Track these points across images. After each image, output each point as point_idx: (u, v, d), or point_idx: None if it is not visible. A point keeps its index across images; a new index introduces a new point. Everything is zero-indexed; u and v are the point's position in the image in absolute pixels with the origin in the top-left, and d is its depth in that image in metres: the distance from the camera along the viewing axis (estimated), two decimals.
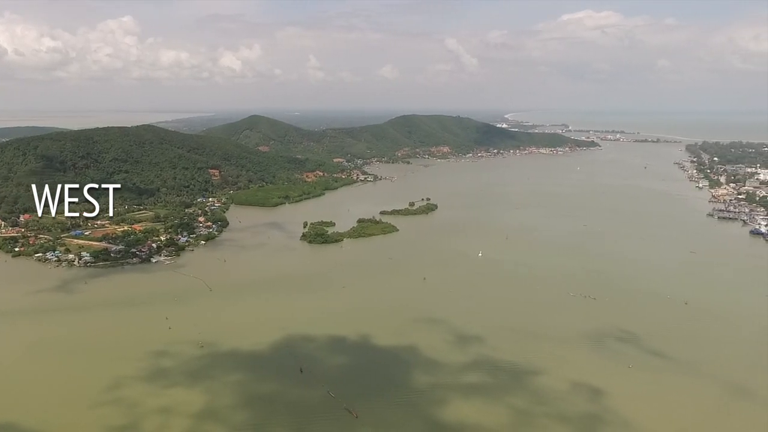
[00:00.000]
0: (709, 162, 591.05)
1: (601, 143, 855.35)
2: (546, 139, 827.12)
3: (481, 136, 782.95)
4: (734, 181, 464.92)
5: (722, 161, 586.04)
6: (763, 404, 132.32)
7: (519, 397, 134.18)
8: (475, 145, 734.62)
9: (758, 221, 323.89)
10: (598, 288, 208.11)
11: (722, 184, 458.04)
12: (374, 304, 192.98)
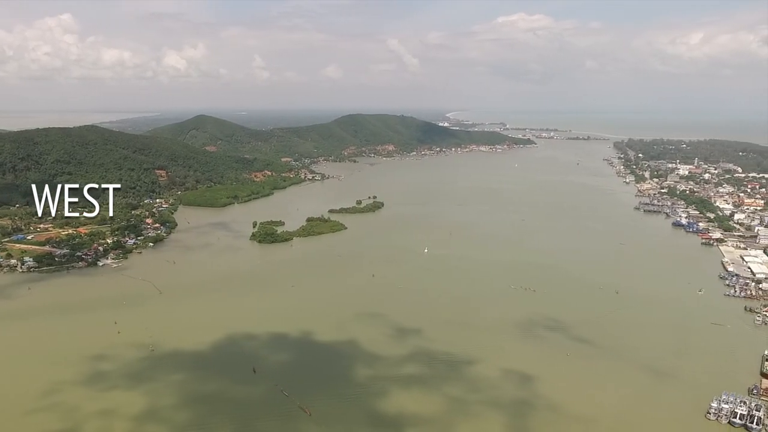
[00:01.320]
0: (634, 158, 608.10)
1: (536, 141, 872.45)
2: (485, 138, 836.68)
3: (425, 135, 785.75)
4: (657, 176, 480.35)
5: (646, 157, 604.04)
6: (678, 385, 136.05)
7: (454, 386, 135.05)
8: (418, 144, 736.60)
9: (679, 214, 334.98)
10: (537, 280, 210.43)
11: (647, 179, 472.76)
12: (323, 302, 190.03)
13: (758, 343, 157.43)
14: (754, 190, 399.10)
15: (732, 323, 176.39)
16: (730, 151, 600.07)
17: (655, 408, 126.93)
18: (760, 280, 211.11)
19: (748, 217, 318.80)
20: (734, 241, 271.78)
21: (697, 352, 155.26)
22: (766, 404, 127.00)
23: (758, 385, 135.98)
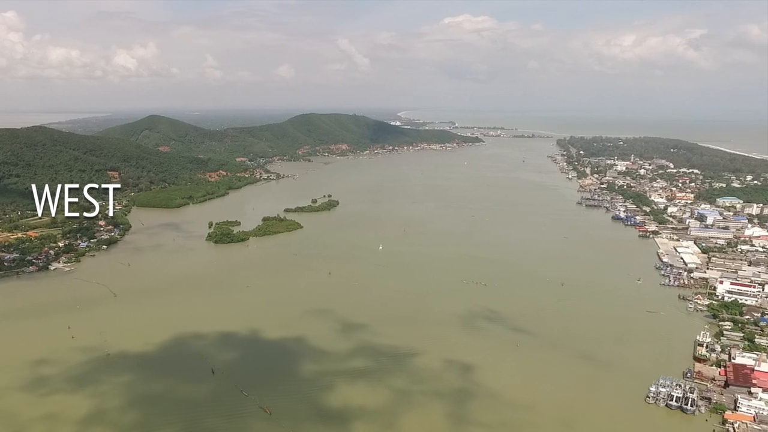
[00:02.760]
0: (576, 155, 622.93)
1: (484, 139, 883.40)
2: (436, 136, 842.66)
3: (377, 134, 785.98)
4: (597, 172, 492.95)
5: (587, 154, 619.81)
6: (618, 372, 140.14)
7: (399, 378, 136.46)
8: (371, 143, 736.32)
9: (618, 208, 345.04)
10: (488, 274, 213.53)
11: (588, 175, 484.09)
12: (279, 301, 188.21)
13: (691, 329, 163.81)
14: (684, 185, 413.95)
15: (667, 311, 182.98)
16: (662, 148, 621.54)
17: (596, 394, 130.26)
18: (691, 270, 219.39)
19: (680, 210, 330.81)
20: (668, 233, 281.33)
21: (636, 339, 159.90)
22: (699, 386, 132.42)
23: (692, 368, 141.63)
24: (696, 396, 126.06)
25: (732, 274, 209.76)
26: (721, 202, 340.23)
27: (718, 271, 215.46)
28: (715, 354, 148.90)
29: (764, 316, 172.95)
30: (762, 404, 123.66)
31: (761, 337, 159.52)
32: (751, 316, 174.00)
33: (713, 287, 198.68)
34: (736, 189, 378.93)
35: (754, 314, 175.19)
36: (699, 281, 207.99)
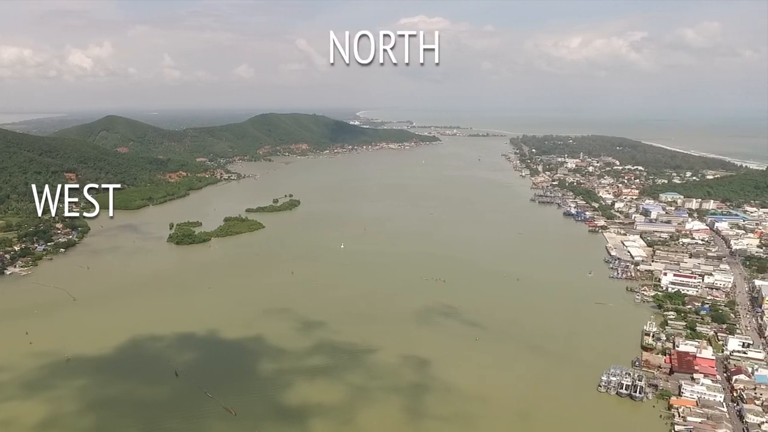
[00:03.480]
0: (528, 153, 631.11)
1: (441, 138, 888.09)
2: (394, 135, 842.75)
3: (337, 133, 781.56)
4: (549, 170, 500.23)
5: (539, 152, 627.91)
6: (571, 362, 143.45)
7: (356, 374, 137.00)
8: (331, 142, 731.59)
9: (569, 204, 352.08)
10: (447, 271, 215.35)
11: (540, 173, 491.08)
12: (241, 301, 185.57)
13: (638, 319, 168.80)
14: (630, 181, 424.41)
15: (615, 302, 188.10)
16: (609, 146, 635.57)
17: (550, 385, 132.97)
18: (638, 263, 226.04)
19: (627, 205, 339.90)
20: (616, 228, 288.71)
21: (588, 330, 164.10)
22: (647, 374, 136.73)
23: (639, 357, 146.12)
24: (644, 384, 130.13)
25: (675, 266, 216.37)
26: (663, 198, 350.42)
27: (662, 263, 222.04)
28: (660, 343, 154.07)
29: (704, 306, 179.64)
30: (703, 389, 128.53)
31: (702, 325, 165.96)
32: (692, 306, 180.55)
33: (658, 279, 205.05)
34: (677, 185, 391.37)
35: (695, 304, 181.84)
36: (645, 273, 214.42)
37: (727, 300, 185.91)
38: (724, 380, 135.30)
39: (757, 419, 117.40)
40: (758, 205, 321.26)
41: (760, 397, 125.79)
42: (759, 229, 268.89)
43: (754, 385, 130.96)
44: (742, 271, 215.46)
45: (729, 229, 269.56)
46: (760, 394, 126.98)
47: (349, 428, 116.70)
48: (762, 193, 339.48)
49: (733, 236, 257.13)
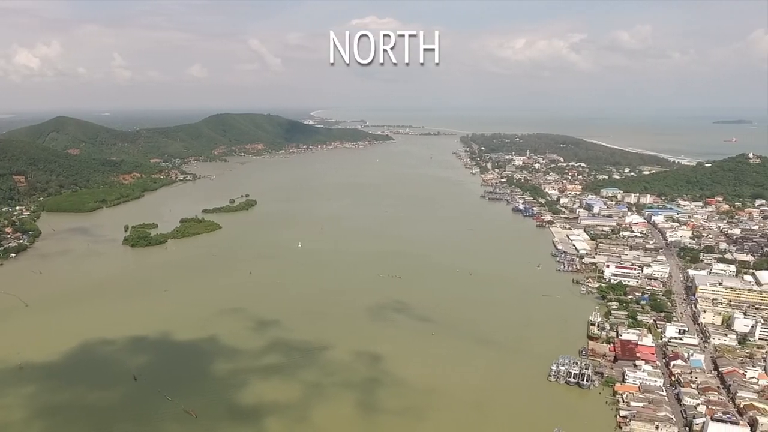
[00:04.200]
0: (478, 151, 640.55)
1: (394, 137, 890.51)
2: (348, 134, 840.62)
3: (292, 133, 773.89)
4: (498, 167, 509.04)
5: (488, 150, 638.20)
6: (521, 354, 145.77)
7: (311, 371, 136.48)
8: (286, 142, 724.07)
9: (517, 200, 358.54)
10: (402, 267, 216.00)
11: (489, 170, 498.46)
12: (198, 303, 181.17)
13: (584, 310, 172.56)
14: (573, 177, 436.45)
15: (562, 294, 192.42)
16: (553, 144, 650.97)
17: (502, 376, 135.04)
18: (582, 256, 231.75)
19: (571, 200, 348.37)
20: (561, 223, 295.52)
21: (538, 322, 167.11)
22: (593, 363, 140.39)
23: (586, 347, 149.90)
24: (590, 372, 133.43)
25: (616, 259, 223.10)
26: (604, 193, 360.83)
27: (604, 256, 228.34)
28: (605, 332, 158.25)
29: (644, 296, 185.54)
30: (645, 375, 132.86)
31: (642, 314, 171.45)
32: (633, 296, 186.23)
33: (601, 271, 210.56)
34: (616, 180, 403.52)
35: (635, 294, 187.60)
36: (589, 266, 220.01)
37: (664, 289, 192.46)
38: (663, 366, 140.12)
39: (693, 401, 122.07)
40: (690, 198, 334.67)
41: (696, 381, 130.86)
42: (691, 222, 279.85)
43: (689, 370, 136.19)
44: (677, 261, 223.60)
45: (664, 222, 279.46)
46: (696, 378, 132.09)
47: (303, 425, 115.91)
48: (693, 187, 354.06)
49: (668, 229, 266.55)
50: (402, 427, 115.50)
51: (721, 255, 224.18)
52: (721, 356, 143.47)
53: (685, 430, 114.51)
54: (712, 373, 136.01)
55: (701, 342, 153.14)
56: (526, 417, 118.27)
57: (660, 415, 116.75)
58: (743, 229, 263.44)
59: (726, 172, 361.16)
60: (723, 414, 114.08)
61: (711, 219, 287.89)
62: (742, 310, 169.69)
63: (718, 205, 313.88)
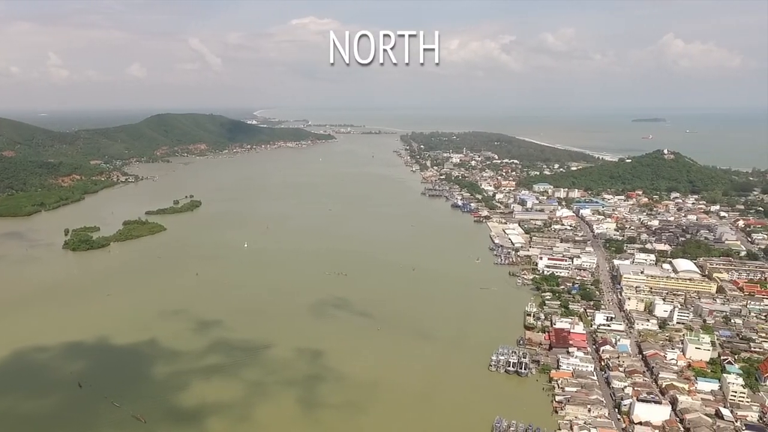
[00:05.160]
0: (417, 149, 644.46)
1: (336, 136, 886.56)
2: (291, 134, 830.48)
3: (235, 133, 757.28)
4: (437, 165, 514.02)
5: (427, 148, 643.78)
6: (462, 345, 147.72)
7: (252, 370, 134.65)
8: (229, 142, 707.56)
9: (455, 196, 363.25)
10: (348, 265, 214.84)
11: (429, 168, 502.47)
12: (141, 305, 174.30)
13: (521, 301, 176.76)
14: (507, 174, 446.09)
15: (500, 286, 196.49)
16: (488, 141, 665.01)
17: (444, 368, 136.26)
18: (518, 249, 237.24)
19: (506, 196, 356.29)
20: (498, 218, 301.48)
21: (478, 314, 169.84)
22: (530, 351, 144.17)
23: (523, 336, 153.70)
24: (528, 360, 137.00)
25: (549, 251, 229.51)
26: (536, 188, 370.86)
27: (538, 248, 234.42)
28: (540, 322, 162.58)
29: (575, 285, 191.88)
30: (577, 361, 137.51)
31: (573, 303, 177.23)
32: (565, 286, 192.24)
33: (535, 263, 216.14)
34: (547, 176, 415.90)
35: (567, 284, 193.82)
36: (524, 258, 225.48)
37: (592, 279, 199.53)
38: (594, 352, 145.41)
39: (621, 384, 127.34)
40: (613, 192, 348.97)
41: (623, 364, 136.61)
42: (615, 214, 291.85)
43: (617, 354, 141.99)
44: (604, 252, 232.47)
45: (591, 215, 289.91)
46: (623, 362, 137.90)
47: (245, 424, 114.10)
48: (616, 182, 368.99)
49: (595, 221, 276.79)
50: (343, 420, 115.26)
51: (642, 245, 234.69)
52: (644, 340, 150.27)
53: (615, 411, 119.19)
54: (637, 357, 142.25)
55: (627, 328, 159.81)
56: (469, 406, 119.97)
57: (592, 398, 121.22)
58: (661, 220, 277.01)
59: (644, 167, 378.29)
60: (647, 395, 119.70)
61: (632, 211, 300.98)
62: (662, 296, 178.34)
63: (638, 199, 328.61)
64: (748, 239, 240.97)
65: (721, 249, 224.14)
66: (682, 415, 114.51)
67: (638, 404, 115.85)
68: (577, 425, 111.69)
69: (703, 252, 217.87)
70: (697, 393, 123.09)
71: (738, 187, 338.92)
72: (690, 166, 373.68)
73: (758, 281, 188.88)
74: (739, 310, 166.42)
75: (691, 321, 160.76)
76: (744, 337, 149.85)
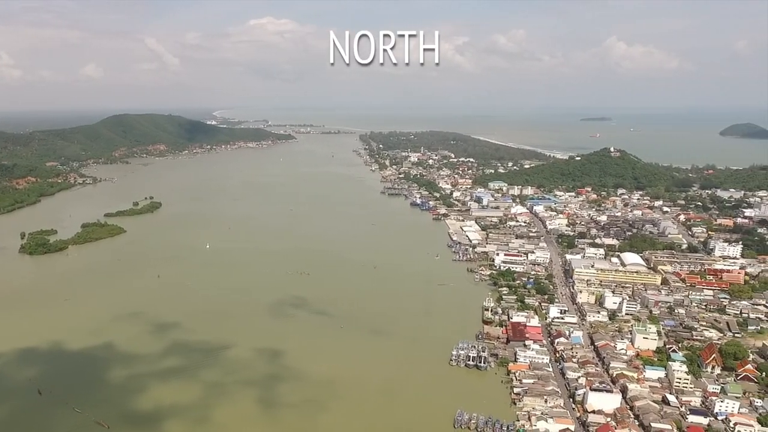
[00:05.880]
0: (376, 149, 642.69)
1: (296, 136, 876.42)
2: (251, 134, 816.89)
3: (195, 134, 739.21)
4: (395, 164, 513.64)
5: (385, 148, 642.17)
6: (423, 341, 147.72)
7: (211, 372, 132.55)
8: (189, 142, 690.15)
9: (414, 195, 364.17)
10: (310, 264, 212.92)
11: (388, 167, 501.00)
12: (99, 310, 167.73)
13: (479, 296, 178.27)
14: (464, 172, 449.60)
15: (458, 282, 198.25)
16: (445, 140, 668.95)
17: (406, 364, 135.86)
18: (475, 245, 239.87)
19: (462, 194, 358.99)
20: (455, 215, 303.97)
21: (438, 310, 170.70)
22: (489, 345, 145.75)
23: (482, 331, 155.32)
24: (487, 354, 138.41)
25: (504, 247, 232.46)
26: (492, 186, 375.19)
27: (494, 245, 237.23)
28: (497, 316, 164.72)
29: (530, 280, 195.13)
30: (533, 354, 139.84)
31: (529, 297, 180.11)
32: (520, 281, 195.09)
33: (492, 259, 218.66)
34: (501, 174, 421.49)
35: (522, 279, 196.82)
36: (481, 255, 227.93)
37: (546, 274, 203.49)
38: (549, 344, 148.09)
39: (575, 374, 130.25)
40: (564, 189, 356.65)
41: (576, 356, 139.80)
42: (566, 211, 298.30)
43: (571, 346, 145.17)
44: (556, 247, 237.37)
45: (544, 212, 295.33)
46: (576, 353, 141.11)
47: (204, 425, 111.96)
48: (566, 179, 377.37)
49: (547, 217, 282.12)
50: (303, 418, 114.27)
51: (592, 240, 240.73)
52: (595, 332, 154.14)
53: (570, 400, 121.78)
54: (589, 348, 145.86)
55: (579, 320, 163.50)
56: (431, 400, 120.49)
57: (548, 389, 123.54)
58: (609, 216, 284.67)
59: (593, 165, 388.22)
60: (599, 384, 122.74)
61: (582, 207, 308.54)
62: (611, 289, 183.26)
63: (587, 195, 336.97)
64: (688, 233, 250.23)
65: (665, 242, 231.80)
66: (632, 402, 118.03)
67: (591, 393, 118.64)
68: (535, 416, 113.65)
69: (648, 246, 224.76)
70: (645, 381, 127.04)
71: (679, 183, 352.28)
72: (635, 163, 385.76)
73: (698, 272, 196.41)
74: (682, 300, 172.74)
75: (639, 312, 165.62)
76: (687, 327, 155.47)
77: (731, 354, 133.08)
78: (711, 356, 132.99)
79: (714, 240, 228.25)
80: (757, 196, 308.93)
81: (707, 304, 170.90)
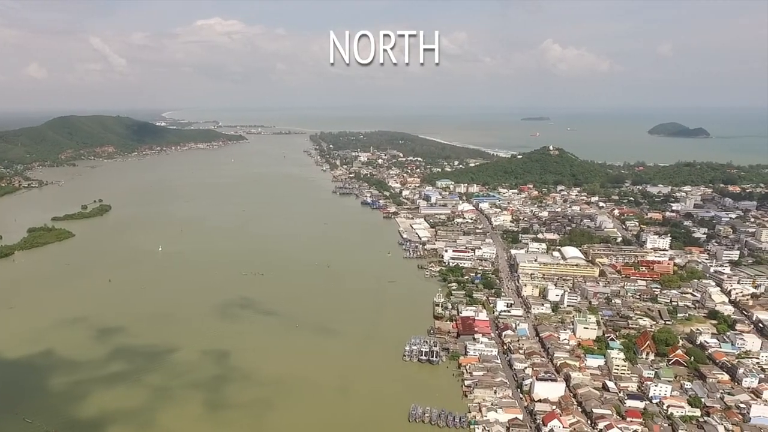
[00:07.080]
0: (327, 149, 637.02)
1: (247, 137, 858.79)
2: (202, 135, 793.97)
3: (143, 135, 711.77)
4: (346, 164, 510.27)
5: (336, 148, 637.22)
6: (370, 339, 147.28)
7: (156, 375, 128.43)
8: (138, 144, 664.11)
9: (365, 194, 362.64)
10: (264, 264, 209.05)
11: (338, 167, 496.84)
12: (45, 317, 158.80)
13: (429, 292, 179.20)
14: (412, 171, 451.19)
15: (409, 279, 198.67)
16: (393, 140, 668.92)
17: (358, 361, 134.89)
18: (425, 243, 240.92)
19: (411, 192, 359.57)
20: (405, 213, 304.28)
21: (389, 307, 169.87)
22: (440, 340, 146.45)
23: (433, 326, 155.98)
24: (438, 348, 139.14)
25: (453, 244, 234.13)
26: (439, 184, 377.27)
27: (443, 242, 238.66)
28: (448, 311, 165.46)
29: (477, 275, 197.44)
30: (482, 347, 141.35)
31: (477, 292, 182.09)
32: (468, 276, 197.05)
33: (441, 256, 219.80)
34: (448, 172, 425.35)
35: (470, 274, 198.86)
36: (431, 251, 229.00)
37: (493, 269, 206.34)
38: (497, 337, 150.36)
39: (522, 365, 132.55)
40: (508, 186, 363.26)
41: (523, 347, 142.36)
42: (510, 207, 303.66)
43: (517, 338, 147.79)
44: (502, 243, 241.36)
45: (489, 209, 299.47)
46: (522, 345, 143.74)
47: (149, 430, 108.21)
48: (509, 177, 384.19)
49: (492, 214, 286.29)
50: (251, 418, 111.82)
51: (535, 235, 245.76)
52: (540, 323, 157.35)
53: (517, 391, 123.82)
54: (534, 339, 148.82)
55: (525, 312, 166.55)
56: (385, 396, 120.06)
57: (497, 380, 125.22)
58: (550, 211, 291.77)
59: (534, 163, 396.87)
60: (545, 374, 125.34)
61: (525, 204, 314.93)
62: (554, 282, 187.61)
63: (529, 192, 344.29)
64: (623, 226, 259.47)
65: (601, 236, 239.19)
66: (575, 390, 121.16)
67: (537, 383, 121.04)
68: (485, 407, 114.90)
69: (586, 239, 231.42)
70: (587, 369, 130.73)
71: (612, 180, 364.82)
72: (572, 161, 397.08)
73: (632, 264, 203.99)
74: (618, 291, 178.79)
75: (579, 303, 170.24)
76: (623, 316, 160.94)
77: (663, 340, 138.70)
78: (645, 343, 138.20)
79: (645, 233, 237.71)
80: (682, 191, 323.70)
81: (641, 294, 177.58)
